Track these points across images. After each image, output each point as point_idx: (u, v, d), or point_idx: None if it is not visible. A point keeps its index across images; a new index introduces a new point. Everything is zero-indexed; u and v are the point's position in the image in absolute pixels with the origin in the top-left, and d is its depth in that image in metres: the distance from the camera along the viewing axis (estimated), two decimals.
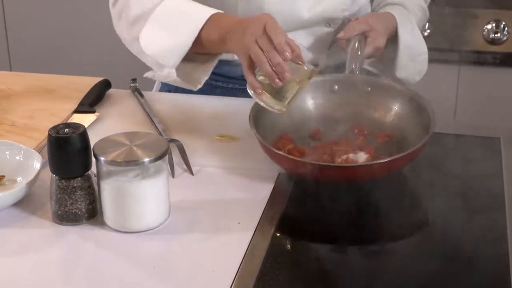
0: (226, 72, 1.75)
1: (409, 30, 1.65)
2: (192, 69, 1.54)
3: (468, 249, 1.21)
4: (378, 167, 1.30)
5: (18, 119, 1.56)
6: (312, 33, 1.69)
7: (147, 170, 1.19)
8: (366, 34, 1.57)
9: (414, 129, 1.43)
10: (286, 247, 1.22)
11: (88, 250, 1.19)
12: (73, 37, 2.93)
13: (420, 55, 1.69)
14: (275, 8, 1.58)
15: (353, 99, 1.50)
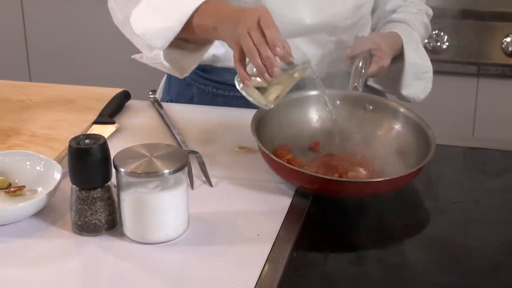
0: (228, 80, 1.75)
1: (414, 48, 1.66)
2: (181, 57, 1.55)
3: (488, 263, 1.21)
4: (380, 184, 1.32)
5: (38, 130, 1.57)
6: (313, 41, 1.69)
7: (167, 181, 1.20)
8: (372, 52, 1.57)
9: (414, 147, 1.44)
10: (305, 260, 1.22)
11: (108, 261, 1.20)
12: (93, 49, 2.94)
13: (425, 72, 1.69)
14: (277, 13, 1.55)
15: (354, 115, 1.51)
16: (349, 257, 1.23)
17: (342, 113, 1.50)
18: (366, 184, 1.32)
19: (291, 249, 1.21)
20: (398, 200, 1.37)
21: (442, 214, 1.33)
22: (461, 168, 1.52)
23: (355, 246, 1.24)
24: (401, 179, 1.32)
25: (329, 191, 1.32)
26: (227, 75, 1.72)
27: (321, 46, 1.70)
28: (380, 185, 1.31)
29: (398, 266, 1.22)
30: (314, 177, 1.31)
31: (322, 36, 1.69)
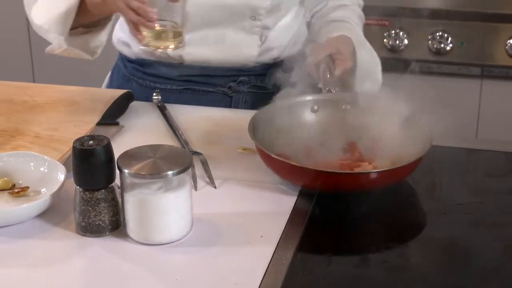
0: (164, 73, 1.78)
1: (363, 47, 1.68)
2: (88, 39, 1.63)
3: (492, 265, 1.21)
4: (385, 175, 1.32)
5: (42, 131, 1.57)
6: (240, 28, 1.73)
7: (171, 182, 1.20)
8: (334, 57, 1.58)
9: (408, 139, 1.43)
10: (309, 261, 1.22)
11: (111, 262, 1.20)
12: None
13: (376, 66, 1.71)
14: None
15: (338, 117, 1.51)
16: (353, 258, 1.23)
17: (324, 116, 1.51)
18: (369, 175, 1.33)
19: (294, 250, 1.21)
20: (402, 202, 1.37)
21: (446, 216, 1.33)
22: (464, 170, 1.52)
23: (358, 248, 1.24)
24: (403, 169, 1.33)
25: (333, 185, 1.32)
26: (163, 69, 1.76)
27: (248, 32, 1.73)
28: (383, 176, 1.31)
29: (402, 268, 1.22)
30: (316, 171, 1.31)
31: (246, 21, 1.72)
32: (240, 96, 1.79)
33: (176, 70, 1.77)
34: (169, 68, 1.78)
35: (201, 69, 1.77)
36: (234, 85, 1.78)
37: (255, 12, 1.71)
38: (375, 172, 1.33)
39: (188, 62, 1.77)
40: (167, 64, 1.78)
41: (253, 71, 1.78)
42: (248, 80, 1.79)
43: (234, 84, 1.78)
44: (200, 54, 1.75)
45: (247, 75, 1.79)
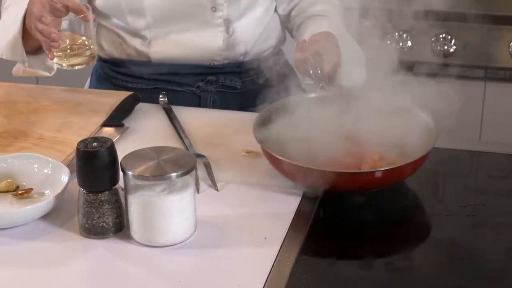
0: (134, 72, 1.81)
1: (347, 41, 1.67)
2: (43, 58, 1.68)
3: (495, 267, 1.21)
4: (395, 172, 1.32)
5: (46, 132, 1.57)
6: (203, 21, 1.75)
7: (174, 184, 1.20)
8: (320, 52, 1.57)
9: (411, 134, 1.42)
10: (312, 263, 1.22)
11: (115, 264, 1.20)
12: None
13: (360, 58, 1.69)
14: None
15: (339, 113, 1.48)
16: (356, 261, 1.23)
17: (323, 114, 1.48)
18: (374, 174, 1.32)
19: (298, 252, 1.21)
20: (405, 204, 1.37)
21: (449, 218, 1.33)
22: (468, 172, 1.52)
23: (362, 250, 1.24)
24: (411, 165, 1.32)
25: (340, 184, 1.31)
26: (133, 67, 1.79)
27: (211, 25, 1.75)
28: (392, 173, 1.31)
29: (405, 270, 1.22)
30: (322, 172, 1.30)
31: (208, 13, 1.74)
32: (209, 96, 1.80)
33: (145, 68, 1.80)
34: (138, 67, 1.81)
35: (169, 67, 1.79)
36: (202, 84, 1.80)
37: (215, 3, 1.72)
38: (382, 171, 1.32)
39: (156, 60, 1.79)
40: (136, 63, 1.81)
41: (221, 69, 1.79)
42: (216, 80, 1.80)
43: (202, 84, 1.80)
44: (166, 51, 1.78)
45: (215, 73, 1.80)
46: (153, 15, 1.74)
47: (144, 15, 1.74)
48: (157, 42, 1.77)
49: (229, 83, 1.81)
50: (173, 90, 1.79)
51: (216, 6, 1.73)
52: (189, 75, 1.80)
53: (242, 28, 1.79)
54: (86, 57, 1.57)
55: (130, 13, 1.76)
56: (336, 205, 1.34)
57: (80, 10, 1.53)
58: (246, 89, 1.83)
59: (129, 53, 1.81)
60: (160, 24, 1.75)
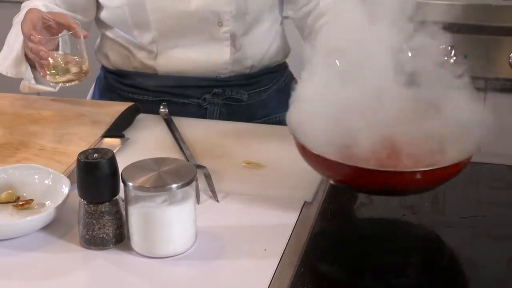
0: (140, 83, 1.81)
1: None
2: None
3: (495, 278, 1.21)
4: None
5: (46, 143, 1.57)
6: (209, 36, 1.75)
7: (175, 195, 1.20)
8: None
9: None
10: (312, 275, 1.22)
11: (115, 275, 1.20)
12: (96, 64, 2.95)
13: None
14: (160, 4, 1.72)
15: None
16: (356, 272, 1.23)
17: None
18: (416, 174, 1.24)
19: (298, 264, 1.21)
20: (406, 215, 1.37)
21: (450, 229, 1.33)
22: (468, 183, 1.52)
23: (361, 261, 1.24)
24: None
25: (376, 183, 1.25)
26: (139, 79, 1.79)
27: (218, 39, 1.75)
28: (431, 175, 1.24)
29: (405, 281, 1.22)
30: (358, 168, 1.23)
31: (214, 28, 1.74)
32: (215, 108, 1.80)
33: (151, 80, 1.80)
34: (145, 79, 1.81)
35: (176, 80, 1.79)
36: (209, 97, 1.80)
37: (221, 18, 1.73)
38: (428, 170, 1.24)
39: (162, 72, 1.79)
40: (143, 75, 1.81)
41: (228, 82, 1.80)
42: (222, 92, 1.80)
43: (209, 96, 1.80)
44: (172, 65, 1.78)
45: (222, 86, 1.80)
46: (159, 29, 1.74)
47: (150, 30, 1.75)
48: (163, 56, 1.78)
49: (235, 95, 1.81)
50: (179, 103, 1.80)
51: (222, 21, 1.73)
52: (195, 88, 1.80)
53: (249, 43, 1.79)
54: (78, 74, 1.58)
55: (136, 27, 1.76)
56: (336, 216, 1.34)
57: (72, 27, 1.55)
58: (253, 101, 1.83)
59: (135, 65, 1.82)
60: (166, 38, 1.76)
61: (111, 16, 1.78)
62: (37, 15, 1.56)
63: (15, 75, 1.70)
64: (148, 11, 1.72)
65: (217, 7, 1.72)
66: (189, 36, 1.75)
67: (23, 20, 1.56)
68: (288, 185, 1.40)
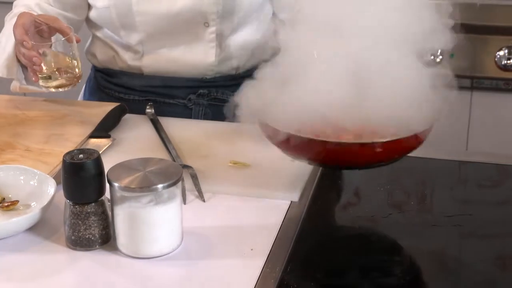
0: (126, 82, 1.81)
1: None
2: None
3: (482, 277, 1.21)
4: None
5: (32, 144, 1.57)
6: (195, 36, 1.75)
7: (161, 196, 1.20)
8: None
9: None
10: (299, 274, 1.22)
11: (101, 276, 1.20)
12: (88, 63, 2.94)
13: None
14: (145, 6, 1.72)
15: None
16: (343, 271, 1.23)
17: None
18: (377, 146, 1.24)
19: (285, 263, 1.21)
20: (392, 214, 1.37)
21: (436, 228, 1.33)
22: (454, 182, 1.52)
23: (348, 260, 1.24)
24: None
25: (346, 157, 1.25)
26: (125, 78, 1.79)
27: (204, 40, 1.75)
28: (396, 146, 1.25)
29: (391, 280, 1.22)
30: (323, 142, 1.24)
31: (200, 28, 1.74)
32: (200, 109, 1.80)
33: (137, 80, 1.80)
34: (131, 78, 1.81)
35: (162, 80, 1.79)
36: (194, 97, 1.80)
37: (207, 18, 1.73)
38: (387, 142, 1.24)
39: (148, 73, 1.79)
40: (129, 75, 1.81)
41: (213, 83, 1.79)
42: (208, 93, 1.80)
43: (194, 97, 1.80)
44: (157, 65, 1.78)
45: (207, 87, 1.80)
46: (145, 30, 1.74)
47: (136, 31, 1.75)
48: (149, 56, 1.78)
49: (220, 96, 1.81)
50: (165, 103, 1.80)
51: (209, 21, 1.73)
52: (181, 88, 1.80)
53: (235, 43, 1.79)
54: (71, 79, 1.58)
55: (123, 28, 1.76)
56: (323, 215, 1.34)
57: (65, 32, 1.54)
58: None
59: (121, 66, 1.82)
60: (152, 39, 1.75)
61: (98, 16, 1.78)
62: (29, 19, 1.56)
63: (6, 75, 1.69)
64: (134, 12, 1.72)
65: (204, 7, 1.71)
66: (175, 37, 1.75)
67: (15, 24, 1.56)
68: (275, 185, 1.40)
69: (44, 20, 1.56)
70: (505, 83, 2.47)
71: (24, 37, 1.53)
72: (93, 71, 1.91)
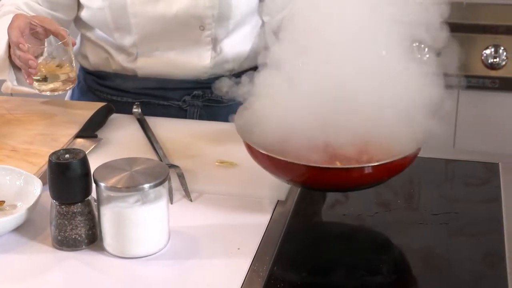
0: (119, 85, 1.80)
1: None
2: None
3: (468, 275, 1.22)
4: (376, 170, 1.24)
5: (18, 144, 1.56)
6: (190, 39, 1.74)
7: (147, 195, 1.20)
8: None
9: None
10: (286, 274, 1.22)
11: (88, 276, 1.19)
12: None
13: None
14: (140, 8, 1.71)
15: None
16: (329, 271, 1.23)
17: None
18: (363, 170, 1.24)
19: (271, 263, 1.21)
20: (379, 212, 1.37)
21: (423, 226, 1.34)
22: (441, 180, 1.53)
23: (335, 259, 1.24)
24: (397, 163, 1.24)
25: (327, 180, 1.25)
26: (118, 80, 1.78)
27: (199, 43, 1.74)
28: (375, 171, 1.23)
29: (378, 278, 1.22)
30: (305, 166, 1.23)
31: (195, 31, 1.73)
32: (195, 110, 1.80)
33: (131, 82, 1.79)
34: (124, 80, 1.80)
35: (156, 82, 1.78)
36: (189, 98, 1.79)
37: (202, 22, 1.72)
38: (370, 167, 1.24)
39: (142, 75, 1.78)
40: (122, 77, 1.80)
41: (208, 84, 1.78)
42: (202, 94, 1.79)
43: (189, 98, 1.79)
44: (152, 67, 1.77)
45: (202, 88, 1.79)
46: (140, 33, 1.73)
47: (131, 33, 1.74)
48: (144, 58, 1.77)
49: (215, 97, 1.80)
50: (159, 104, 1.79)
51: (204, 25, 1.72)
52: (175, 90, 1.79)
53: (230, 46, 1.78)
54: (66, 82, 1.57)
55: (117, 30, 1.75)
56: (309, 215, 1.34)
57: (61, 35, 1.53)
58: (234, 102, 1.81)
59: (115, 68, 1.80)
60: (147, 41, 1.74)
61: (92, 18, 1.77)
62: (24, 21, 1.54)
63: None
64: (129, 14, 1.71)
65: (199, 11, 1.70)
66: (170, 39, 1.74)
67: (10, 27, 1.54)
68: (261, 184, 1.40)
69: (40, 22, 1.55)
70: (491, 82, 2.48)
71: (20, 39, 1.52)
72: (82, 74, 1.89)
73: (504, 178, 1.47)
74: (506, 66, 2.47)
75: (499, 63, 2.47)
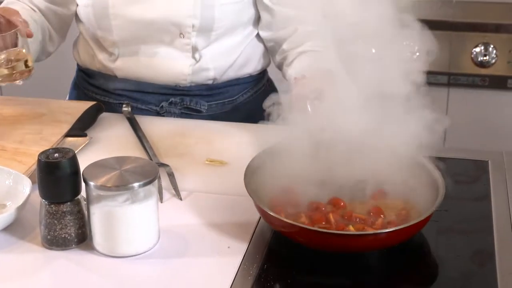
0: (102, 84, 1.80)
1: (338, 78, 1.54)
2: None
3: (457, 271, 1.22)
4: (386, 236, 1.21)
5: (7, 144, 1.55)
6: (171, 46, 1.73)
7: (137, 194, 1.20)
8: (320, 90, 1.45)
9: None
10: (276, 272, 1.22)
11: (78, 275, 1.19)
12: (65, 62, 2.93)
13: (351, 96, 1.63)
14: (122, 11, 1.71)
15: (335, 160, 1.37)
16: (319, 270, 1.23)
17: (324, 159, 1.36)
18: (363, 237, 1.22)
19: (261, 261, 1.21)
20: None
21: None
22: None
23: (325, 259, 1.24)
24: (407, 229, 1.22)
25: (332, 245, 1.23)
26: (101, 80, 1.78)
27: (179, 50, 1.73)
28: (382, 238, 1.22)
29: (369, 277, 1.22)
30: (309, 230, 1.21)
31: (175, 38, 1.72)
32: (172, 117, 1.78)
33: (112, 83, 1.79)
34: (106, 80, 1.80)
35: (135, 84, 1.78)
36: (166, 105, 1.78)
37: (182, 30, 1.70)
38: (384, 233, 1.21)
39: (120, 76, 1.77)
40: (105, 76, 1.80)
41: (188, 91, 1.77)
42: (180, 102, 1.78)
43: (166, 104, 1.78)
44: (130, 70, 1.77)
45: (180, 95, 1.78)
46: (120, 34, 1.73)
47: (111, 34, 1.73)
48: (123, 60, 1.76)
49: (194, 105, 1.78)
50: (138, 108, 1.78)
51: (184, 33, 1.71)
52: (154, 94, 1.78)
53: (212, 55, 1.75)
54: (22, 72, 1.56)
55: (100, 29, 1.75)
56: None
57: (14, 25, 1.53)
58: (213, 113, 1.80)
59: (98, 66, 1.80)
60: (127, 44, 1.74)
61: (80, 14, 1.77)
62: None
63: None
64: (110, 16, 1.70)
65: (180, 19, 1.69)
66: (150, 44, 1.73)
67: None
68: None
69: (2, 13, 1.55)
70: (481, 80, 2.49)
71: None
72: (77, 69, 1.90)
73: (493, 176, 1.47)
74: (496, 64, 2.48)
75: (489, 61, 2.48)
